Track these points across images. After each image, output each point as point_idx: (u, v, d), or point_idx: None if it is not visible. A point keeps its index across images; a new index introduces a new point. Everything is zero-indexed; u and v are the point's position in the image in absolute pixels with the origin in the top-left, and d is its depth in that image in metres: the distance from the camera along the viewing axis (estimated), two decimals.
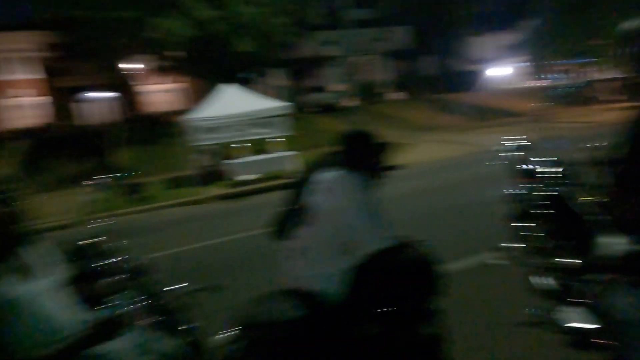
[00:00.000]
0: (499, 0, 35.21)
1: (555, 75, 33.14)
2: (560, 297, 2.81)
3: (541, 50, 27.88)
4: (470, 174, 9.24)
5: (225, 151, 12.83)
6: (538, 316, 2.81)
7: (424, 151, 12.91)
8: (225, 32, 16.72)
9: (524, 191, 3.19)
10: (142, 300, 2.34)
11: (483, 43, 35.74)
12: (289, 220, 2.63)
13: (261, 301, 1.95)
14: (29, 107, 27.15)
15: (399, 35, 31.25)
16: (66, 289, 1.78)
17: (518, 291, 3.32)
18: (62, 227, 7.76)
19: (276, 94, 25.00)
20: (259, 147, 12.97)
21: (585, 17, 21.13)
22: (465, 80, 29.69)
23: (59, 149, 18.12)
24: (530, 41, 28.23)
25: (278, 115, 11.90)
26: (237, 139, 11.59)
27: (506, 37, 36.58)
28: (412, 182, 8.15)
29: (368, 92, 24.57)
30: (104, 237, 2.48)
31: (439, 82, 28.94)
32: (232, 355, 1.91)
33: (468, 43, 33.26)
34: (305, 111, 23.62)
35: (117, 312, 1.82)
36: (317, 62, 27.94)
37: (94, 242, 2.36)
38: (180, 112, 22.87)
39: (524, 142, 3.25)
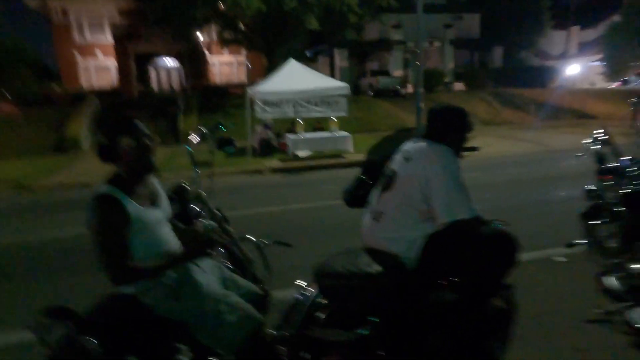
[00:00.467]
0: None
1: (635, 78, 30.64)
2: (627, 298, 2.75)
3: (624, 50, 25.89)
4: (540, 171, 9.05)
5: (285, 126, 13.14)
6: (603, 315, 2.77)
7: (486, 145, 12.54)
8: (295, 9, 16.83)
9: (601, 188, 3.11)
10: (223, 245, 2.57)
11: (558, 38, 33.61)
12: (364, 188, 2.74)
13: (338, 255, 2.08)
14: (105, 70, 28.89)
15: (469, 23, 29.98)
16: (170, 222, 2.00)
17: (585, 289, 3.26)
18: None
19: (338, 74, 25.00)
20: (317, 124, 13.17)
21: None
22: (536, 75, 28.16)
23: (130, 109, 19.24)
24: (611, 39, 26.27)
25: (338, 95, 11.95)
26: (297, 115, 11.80)
27: (585, 34, 34.19)
28: (478, 174, 8.02)
29: (431, 80, 23.95)
30: (196, 186, 2.72)
31: (507, 75, 27.61)
32: (303, 301, 2.06)
33: (542, 36, 31.38)
34: (365, 94, 23.46)
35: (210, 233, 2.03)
36: (382, 45, 27.48)
37: (188, 189, 2.60)
38: (241, 85, 23.46)
39: (606, 138, 3.14)
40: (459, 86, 27.08)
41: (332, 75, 24.34)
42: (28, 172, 11.07)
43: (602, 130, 3.03)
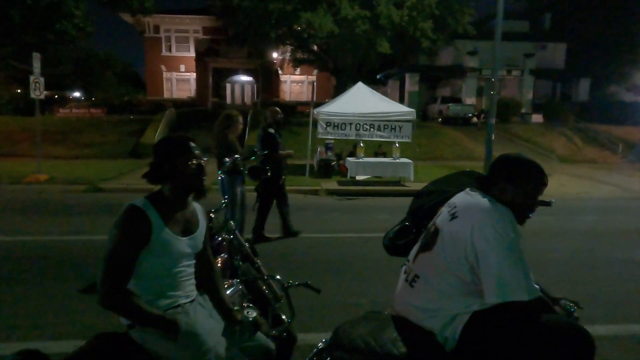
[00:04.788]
0: None
1: None
2: None
3: None
4: (623, 222, 7.84)
5: (347, 148, 13.00)
6: None
7: (560, 185, 11.50)
8: (367, 32, 16.82)
9: None
10: (247, 283, 2.38)
11: None
12: (405, 236, 2.41)
13: (361, 319, 1.78)
14: (185, 81, 30.81)
15: (554, 53, 28.28)
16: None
17: None
18: None
19: (407, 98, 24.59)
20: (378, 149, 12.87)
21: None
22: (627, 111, 25.73)
23: (203, 121, 20.20)
24: None
25: (403, 120, 11.63)
26: (359, 138, 11.63)
27: None
28: (546, 219, 7.11)
29: (507, 110, 22.74)
30: (224, 215, 2.58)
31: (592, 109, 25.55)
32: None
33: (637, 70, 28.77)
34: (433, 120, 22.82)
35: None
36: (456, 71, 26.69)
37: (212, 217, 2.44)
38: (308, 104, 23.84)
39: None
40: (536, 118, 25.49)
41: (402, 99, 23.97)
42: (103, 173, 11.82)
43: None
